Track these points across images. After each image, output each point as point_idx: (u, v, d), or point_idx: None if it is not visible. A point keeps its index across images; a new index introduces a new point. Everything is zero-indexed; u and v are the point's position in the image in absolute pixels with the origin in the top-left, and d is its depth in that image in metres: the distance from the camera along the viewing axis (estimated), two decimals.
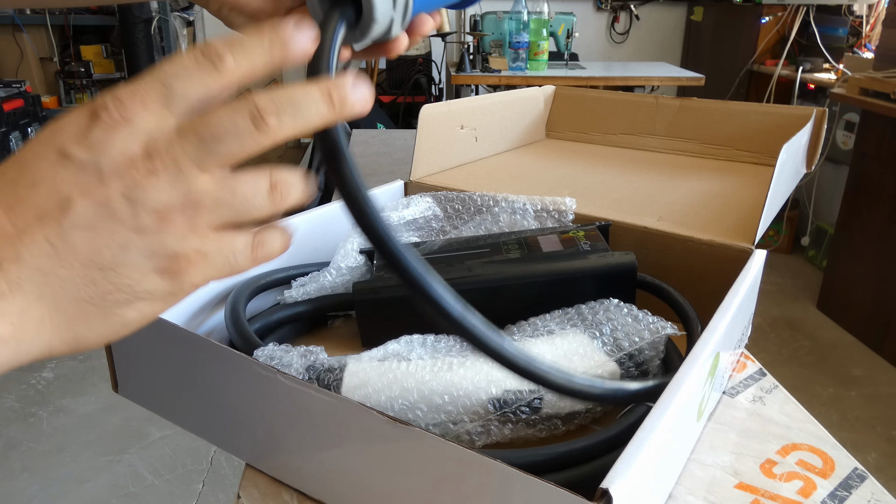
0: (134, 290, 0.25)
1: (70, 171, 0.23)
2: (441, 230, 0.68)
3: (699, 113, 0.94)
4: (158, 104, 0.24)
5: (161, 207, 0.24)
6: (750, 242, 0.57)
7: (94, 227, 0.23)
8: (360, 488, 0.39)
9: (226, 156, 0.25)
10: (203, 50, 0.25)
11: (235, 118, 0.24)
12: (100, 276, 0.24)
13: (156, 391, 0.49)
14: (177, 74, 0.25)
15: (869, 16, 2.77)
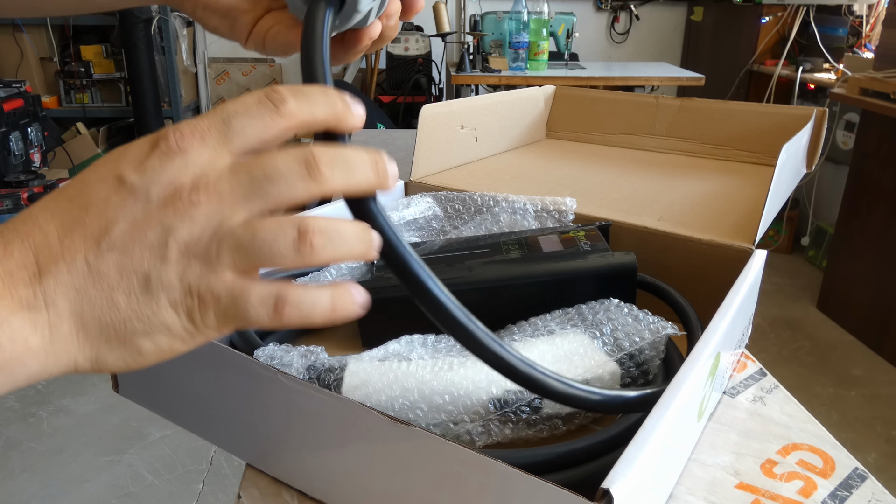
0: (151, 321, 0.25)
1: (121, 195, 0.24)
2: (441, 230, 0.68)
3: (699, 113, 0.94)
4: (216, 139, 0.25)
5: (189, 243, 0.24)
6: (750, 242, 0.57)
7: (126, 251, 0.24)
8: (360, 488, 0.39)
9: (273, 197, 0.25)
10: (267, 92, 0.26)
11: (290, 162, 0.25)
12: (124, 302, 0.24)
13: (156, 391, 0.49)
14: (238, 112, 0.25)
15: (869, 16, 2.77)
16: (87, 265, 0.24)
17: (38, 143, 2.74)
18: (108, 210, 0.24)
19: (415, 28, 3.17)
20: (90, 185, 0.25)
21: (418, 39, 3.02)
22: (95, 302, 0.24)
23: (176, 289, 0.25)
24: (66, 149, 3.02)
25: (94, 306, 0.24)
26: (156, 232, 0.24)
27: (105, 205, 0.24)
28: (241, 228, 0.25)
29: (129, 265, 0.24)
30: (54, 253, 0.24)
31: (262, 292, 0.25)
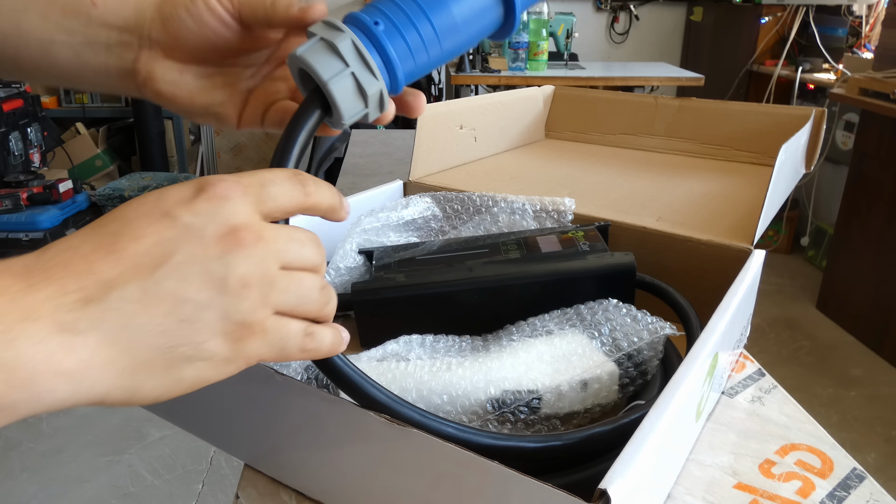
0: (199, 348, 0.26)
1: (175, 230, 0.26)
2: (440, 230, 0.68)
3: (699, 113, 0.94)
4: (255, 197, 0.28)
5: (246, 277, 0.27)
6: (749, 242, 0.57)
7: (186, 281, 0.26)
8: (358, 488, 0.39)
9: (300, 256, 0.29)
10: (295, 172, 0.31)
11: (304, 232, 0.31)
12: (175, 328, 0.26)
13: None
14: (274, 181, 0.29)
15: (868, 16, 2.77)
16: (143, 292, 0.25)
17: (38, 143, 2.74)
18: (164, 243, 0.26)
19: None
20: (135, 220, 0.26)
21: None
22: (144, 328, 0.25)
23: (231, 319, 0.27)
24: (65, 149, 3.02)
25: (142, 332, 0.25)
26: (216, 265, 0.26)
27: (158, 237, 0.26)
28: (286, 276, 0.28)
29: (188, 293, 0.26)
30: (103, 280, 0.25)
31: (300, 326, 0.29)
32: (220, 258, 0.26)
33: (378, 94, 0.35)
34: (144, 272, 0.25)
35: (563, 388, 0.43)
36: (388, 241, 0.64)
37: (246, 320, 0.27)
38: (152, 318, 0.25)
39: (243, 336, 0.27)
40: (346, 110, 0.34)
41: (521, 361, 0.44)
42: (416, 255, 0.57)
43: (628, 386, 0.45)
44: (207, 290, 0.26)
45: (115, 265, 0.25)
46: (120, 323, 0.25)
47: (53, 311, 0.23)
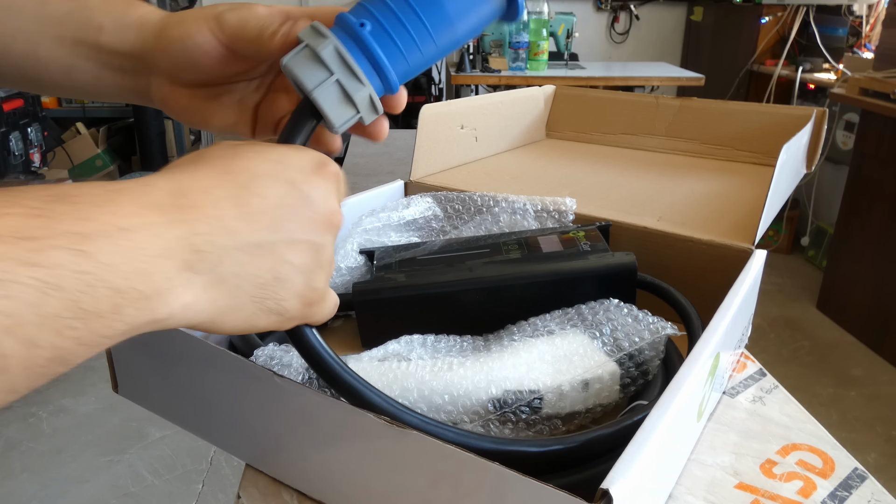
0: (281, 304, 0.30)
1: (296, 199, 0.30)
2: (441, 230, 0.68)
3: (699, 113, 0.94)
4: (339, 189, 0.33)
5: (331, 254, 0.32)
6: (750, 242, 0.57)
7: (293, 245, 0.29)
8: (359, 488, 0.39)
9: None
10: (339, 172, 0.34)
11: None
12: (271, 283, 0.29)
13: (155, 391, 0.49)
14: (339, 174, 0.33)
15: (869, 16, 2.77)
16: (256, 246, 0.28)
17: (38, 143, 2.74)
18: (284, 208, 0.29)
19: None
20: (262, 178, 0.29)
21: None
22: (249, 278, 0.28)
23: (310, 286, 0.31)
24: (65, 149, 3.02)
25: (245, 281, 0.28)
26: (317, 238, 0.30)
27: (281, 202, 0.29)
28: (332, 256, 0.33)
29: (290, 257, 0.29)
30: (228, 228, 0.27)
31: (335, 297, 0.34)
32: (322, 234, 0.31)
33: (367, 100, 0.35)
34: (262, 229, 0.28)
35: (564, 387, 0.43)
36: (389, 241, 0.64)
37: (318, 289, 0.31)
38: (257, 269, 0.28)
39: (312, 302, 0.31)
40: (335, 118, 0.34)
41: (523, 361, 0.44)
42: (417, 255, 0.57)
43: (630, 386, 0.45)
44: (304, 256, 0.30)
45: (240, 217, 0.28)
46: (231, 269, 0.28)
47: (182, 250, 0.26)
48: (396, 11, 0.34)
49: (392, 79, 0.35)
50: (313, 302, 0.32)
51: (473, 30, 0.36)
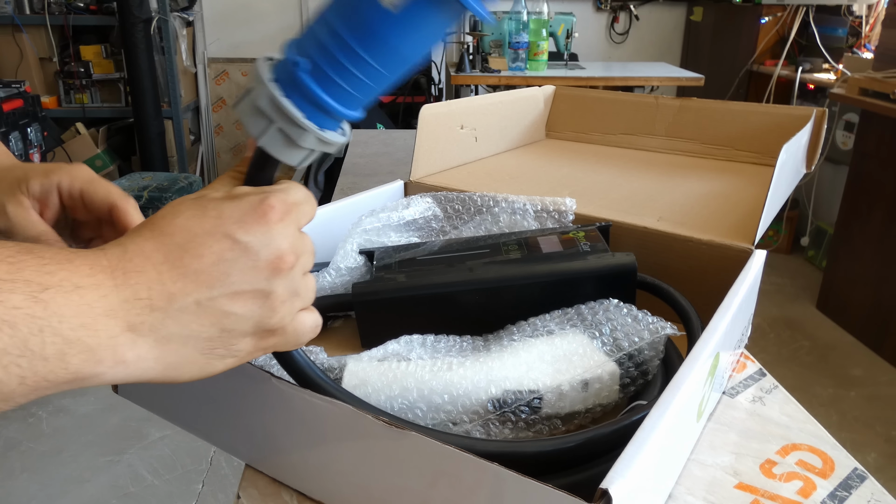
0: (233, 349, 0.31)
1: (235, 252, 0.30)
2: (441, 230, 0.68)
3: (699, 113, 0.94)
4: (293, 218, 0.32)
5: (283, 294, 0.31)
6: (750, 242, 0.57)
7: (234, 299, 0.30)
8: (358, 488, 0.39)
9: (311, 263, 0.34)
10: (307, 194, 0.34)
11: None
12: (217, 335, 0.30)
13: (155, 392, 0.49)
14: (300, 203, 0.33)
15: (868, 16, 2.77)
16: (198, 305, 0.29)
17: (38, 143, 2.74)
18: (222, 263, 0.30)
19: None
20: (199, 237, 0.30)
21: None
22: (193, 336, 0.29)
23: (262, 327, 0.31)
24: (65, 149, 3.02)
25: (190, 339, 0.29)
26: (262, 285, 0.31)
27: (219, 258, 0.30)
28: (304, 282, 0.33)
29: (233, 309, 0.30)
30: (168, 292, 0.29)
31: (313, 320, 0.34)
32: (267, 280, 0.31)
33: (313, 140, 0.33)
34: (202, 288, 0.29)
35: (564, 387, 0.43)
36: (388, 241, 0.64)
37: (274, 327, 0.32)
38: (201, 327, 0.29)
39: (267, 337, 0.32)
40: (288, 159, 0.34)
41: (522, 361, 0.44)
42: (417, 256, 0.57)
43: (629, 386, 0.45)
44: (250, 305, 0.30)
45: (179, 279, 0.29)
46: (175, 330, 0.29)
47: (126, 313, 0.28)
48: (332, 49, 0.31)
49: (344, 113, 0.33)
50: (267, 336, 0.32)
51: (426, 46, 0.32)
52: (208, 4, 3.46)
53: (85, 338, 0.26)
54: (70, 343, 0.26)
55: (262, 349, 0.33)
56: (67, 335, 0.26)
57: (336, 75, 0.32)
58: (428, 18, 0.31)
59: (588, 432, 0.39)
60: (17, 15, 2.95)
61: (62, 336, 0.25)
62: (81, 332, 0.26)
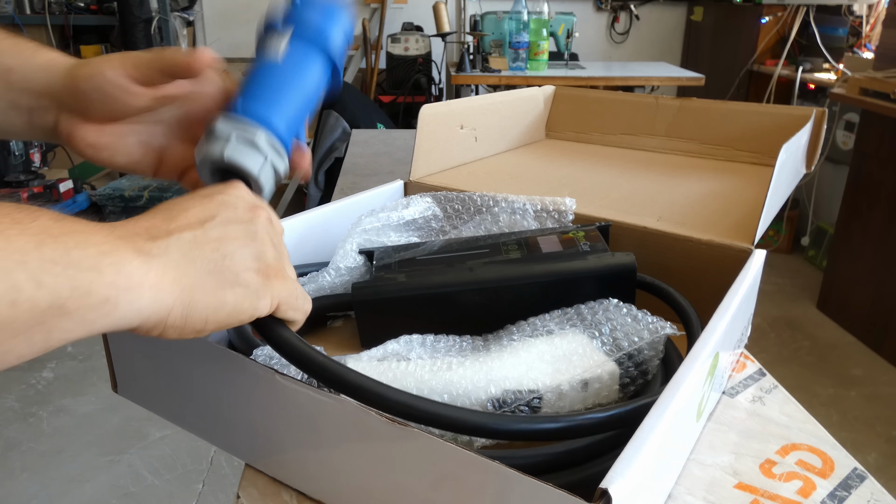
0: (238, 275, 0.34)
1: (215, 202, 0.36)
2: (441, 230, 0.68)
3: (699, 113, 0.94)
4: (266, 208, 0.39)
5: (264, 235, 0.37)
6: (750, 242, 0.57)
7: (226, 231, 0.35)
8: (359, 488, 0.39)
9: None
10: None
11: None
12: (220, 260, 0.34)
13: (155, 391, 0.49)
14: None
15: (869, 16, 2.77)
16: (194, 238, 0.33)
17: (38, 143, 2.74)
18: (207, 209, 0.35)
19: (415, 28, 3.17)
20: (183, 201, 0.35)
21: (418, 39, 3.02)
22: (198, 257, 0.33)
23: (261, 259, 0.35)
24: (65, 149, 3.02)
25: (196, 260, 0.33)
26: (246, 224, 0.36)
27: (203, 208, 0.35)
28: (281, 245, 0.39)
29: (228, 235, 0.34)
30: (163, 229, 0.32)
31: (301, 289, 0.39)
32: (251, 221, 0.36)
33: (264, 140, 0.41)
34: (195, 226, 0.34)
35: (563, 387, 0.43)
36: (388, 241, 0.64)
37: (271, 264, 0.36)
38: (202, 253, 0.33)
39: (270, 275, 0.36)
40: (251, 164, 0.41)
41: (522, 361, 0.44)
42: (417, 256, 0.57)
43: (629, 385, 0.45)
44: (242, 238, 0.35)
45: (172, 221, 0.33)
46: (179, 254, 0.32)
47: (132, 241, 0.31)
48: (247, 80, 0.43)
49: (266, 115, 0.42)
50: (271, 275, 0.36)
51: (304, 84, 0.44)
52: (208, 4, 3.46)
53: (102, 258, 0.28)
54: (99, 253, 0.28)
55: (272, 293, 0.35)
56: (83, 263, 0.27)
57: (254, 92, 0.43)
58: (301, 66, 0.44)
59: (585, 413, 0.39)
60: (17, 15, 2.96)
61: (92, 244, 0.28)
62: (102, 253, 0.28)
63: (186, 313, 0.32)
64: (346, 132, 2.55)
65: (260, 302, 0.35)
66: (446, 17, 2.78)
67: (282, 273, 0.37)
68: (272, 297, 0.36)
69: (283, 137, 0.42)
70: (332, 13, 0.45)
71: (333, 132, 2.60)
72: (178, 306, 0.31)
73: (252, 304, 0.34)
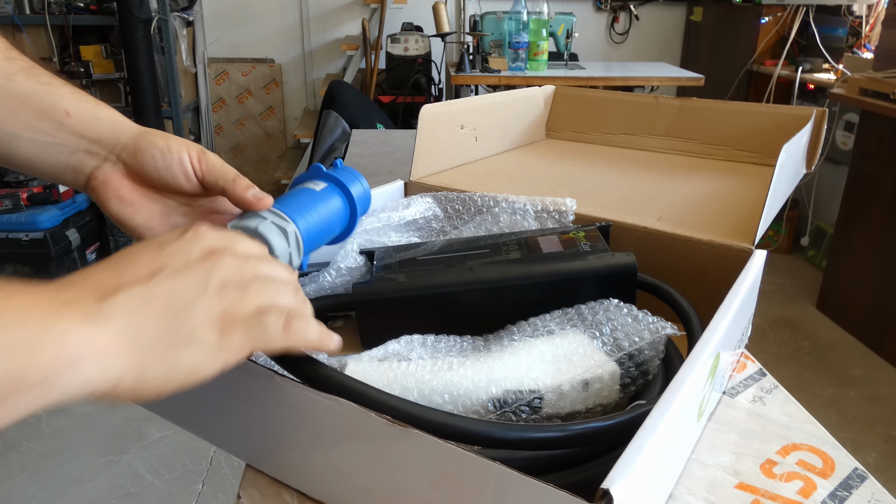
0: (193, 334, 0.32)
1: (167, 251, 0.33)
2: (441, 230, 0.68)
3: (699, 113, 0.94)
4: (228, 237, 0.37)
5: (224, 281, 0.34)
6: (750, 242, 0.57)
7: (175, 284, 0.32)
8: (359, 488, 0.39)
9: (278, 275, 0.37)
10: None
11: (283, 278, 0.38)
12: (170, 318, 0.31)
13: None
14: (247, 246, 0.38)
15: (868, 16, 2.77)
16: (142, 294, 0.31)
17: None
18: (157, 260, 0.33)
19: (414, 28, 3.17)
20: (134, 251, 0.33)
21: (418, 39, 3.02)
22: (148, 318, 0.31)
23: (214, 310, 0.33)
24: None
25: (146, 321, 0.31)
26: (198, 273, 0.33)
27: (153, 257, 0.33)
28: (260, 282, 0.35)
29: (179, 289, 0.32)
30: (112, 286, 0.31)
31: (278, 317, 0.35)
32: (203, 269, 0.33)
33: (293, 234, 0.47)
34: (143, 281, 0.32)
35: (564, 387, 0.43)
36: (388, 241, 0.64)
37: (227, 312, 0.33)
38: (152, 311, 0.31)
39: (227, 326, 0.33)
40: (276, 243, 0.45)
41: (523, 361, 0.44)
42: (418, 256, 0.57)
43: (630, 386, 0.45)
44: (193, 290, 0.32)
45: (121, 278, 0.31)
46: (128, 314, 0.30)
47: (78, 305, 0.29)
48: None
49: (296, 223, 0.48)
50: (227, 326, 0.33)
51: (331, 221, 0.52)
52: (208, 4, 3.46)
53: (39, 336, 0.27)
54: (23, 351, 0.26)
55: (232, 345, 0.33)
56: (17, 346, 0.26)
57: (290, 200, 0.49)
58: (328, 202, 0.52)
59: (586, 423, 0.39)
60: (17, 15, 2.95)
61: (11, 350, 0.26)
62: (33, 336, 0.26)
63: (138, 379, 0.30)
64: (346, 132, 2.54)
65: (219, 358, 0.32)
66: (446, 18, 2.78)
67: (243, 318, 0.33)
68: (238, 349, 0.33)
69: (304, 241, 0.48)
70: (359, 178, 0.57)
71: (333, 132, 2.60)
72: (129, 373, 0.29)
73: (211, 362, 0.32)
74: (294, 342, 0.35)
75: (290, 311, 0.36)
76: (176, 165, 0.44)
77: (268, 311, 0.34)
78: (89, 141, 0.44)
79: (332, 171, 0.57)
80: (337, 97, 2.64)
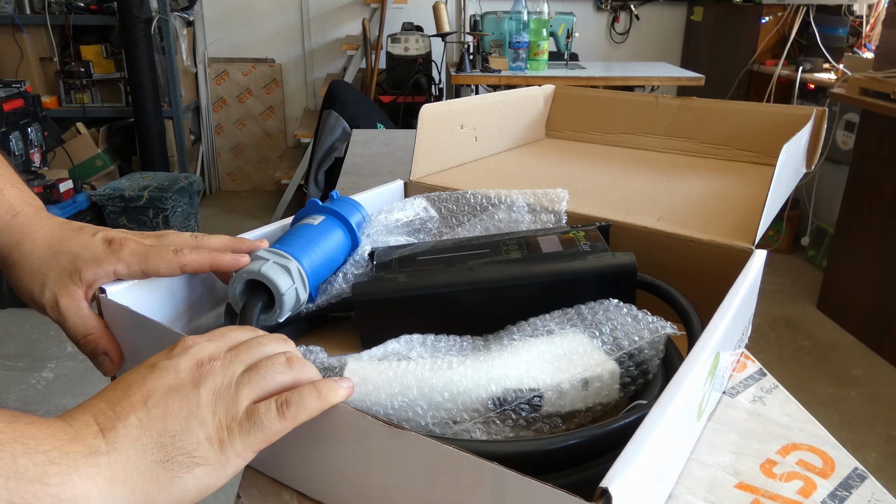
0: (192, 456, 0.32)
1: (156, 373, 0.34)
2: (438, 231, 0.68)
3: (699, 113, 0.93)
4: (218, 337, 0.38)
5: (214, 390, 0.34)
6: (750, 242, 0.57)
7: (169, 407, 0.33)
8: (358, 488, 0.39)
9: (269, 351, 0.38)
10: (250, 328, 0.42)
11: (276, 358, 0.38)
12: (169, 443, 0.32)
13: None
14: (232, 329, 0.40)
15: (869, 16, 2.77)
16: (139, 421, 0.32)
17: (38, 143, 2.73)
18: (147, 384, 0.33)
19: (415, 28, 3.17)
20: (128, 377, 0.34)
21: (418, 39, 3.02)
22: (147, 447, 0.31)
23: (210, 425, 0.33)
24: (65, 149, 3.02)
25: (145, 451, 0.31)
26: (187, 389, 0.34)
27: (143, 381, 0.34)
28: (249, 373, 0.36)
29: (171, 416, 0.33)
30: (110, 417, 0.32)
31: (268, 403, 0.35)
32: (193, 384, 0.34)
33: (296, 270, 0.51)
34: (138, 407, 0.32)
35: (564, 386, 0.43)
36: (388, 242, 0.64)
37: (222, 424, 0.34)
38: (150, 438, 0.32)
39: (224, 437, 0.33)
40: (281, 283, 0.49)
41: (522, 360, 0.44)
42: (417, 255, 0.57)
43: (629, 385, 0.45)
44: (185, 410, 0.33)
45: (116, 405, 0.32)
46: (128, 446, 0.31)
47: (83, 439, 0.30)
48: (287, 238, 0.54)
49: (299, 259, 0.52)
50: (225, 437, 0.33)
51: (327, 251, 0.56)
52: (208, 4, 3.46)
53: (48, 468, 0.28)
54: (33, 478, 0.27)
55: (235, 454, 0.34)
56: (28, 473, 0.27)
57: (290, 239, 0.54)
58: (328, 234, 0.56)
59: (586, 430, 0.39)
60: (17, 15, 2.95)
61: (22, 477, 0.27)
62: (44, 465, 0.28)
63: None
64: (346, 132, 2.55)
65: (226, 469, 0.33)
66: (446, 17, 2.78)
67: (237, 423, 0.34)
68: (241, 456, 0.34)
69: (308, 274, 0.51)
70: (357, 207, 0.60)
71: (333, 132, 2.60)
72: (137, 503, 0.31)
73: (219, 476, 0.33)
74: (294, 422, 0.36)
75: (284, 393, 0.36)
76: (83, 321, 0.47)
77: (258, 407, 0.35)
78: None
79: (329, 204, 0.58)
80: (337, 97, 2.64)
